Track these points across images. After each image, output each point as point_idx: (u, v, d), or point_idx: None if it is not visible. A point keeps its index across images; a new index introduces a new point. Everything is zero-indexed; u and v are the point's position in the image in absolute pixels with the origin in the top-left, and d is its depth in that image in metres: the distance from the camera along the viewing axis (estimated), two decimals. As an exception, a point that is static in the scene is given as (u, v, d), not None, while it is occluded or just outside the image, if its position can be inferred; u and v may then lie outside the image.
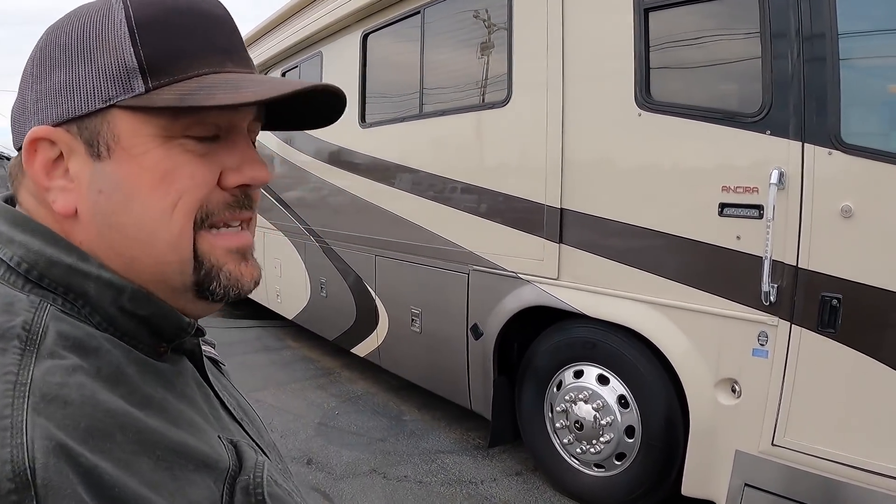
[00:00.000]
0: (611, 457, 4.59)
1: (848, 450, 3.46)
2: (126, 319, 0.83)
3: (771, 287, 3.57)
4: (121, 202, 0.82)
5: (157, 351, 0.87)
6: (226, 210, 0.88)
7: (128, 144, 0.81)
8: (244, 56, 0.91)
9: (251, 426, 1.05)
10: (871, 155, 3.30)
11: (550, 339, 4.99)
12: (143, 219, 0.82)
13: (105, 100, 0.80)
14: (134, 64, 0.80)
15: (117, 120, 0.81)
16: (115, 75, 0.80)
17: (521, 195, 5.01)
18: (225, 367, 1.19)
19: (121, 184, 0.82)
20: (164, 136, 0.82)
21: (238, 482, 0.79)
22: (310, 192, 8.58)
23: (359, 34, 7.13)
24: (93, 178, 0.82)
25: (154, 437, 0.71)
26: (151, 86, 0.80)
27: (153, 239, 0.83)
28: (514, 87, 5.09)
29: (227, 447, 0.83)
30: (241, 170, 0.88)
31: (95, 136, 0.81)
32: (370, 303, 7.09)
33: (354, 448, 5.90)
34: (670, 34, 4.09)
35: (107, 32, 0.81)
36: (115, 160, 0.81)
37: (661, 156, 4.13)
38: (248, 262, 0.92)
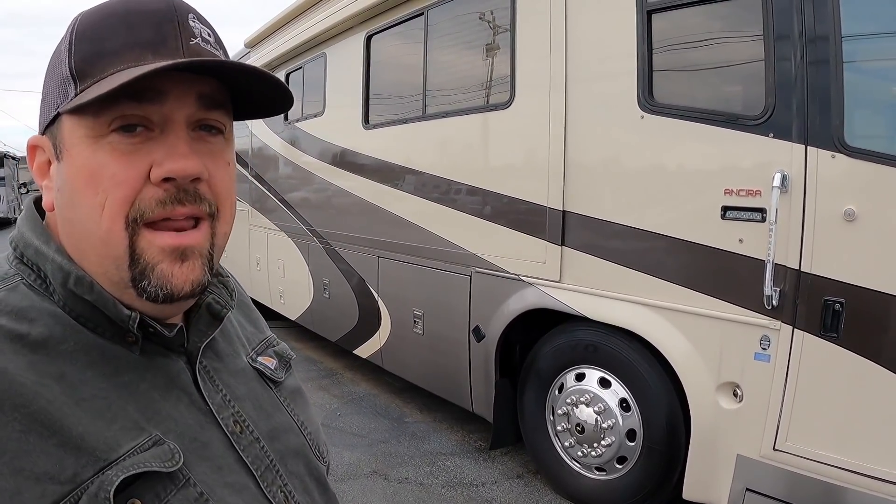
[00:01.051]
0: (612, 460, 4.57)
1: (850, 455, 3.44)
2: (77, 302, 0.90)
3: (773, 291, 3.56)
4: (68, 199, 0.90)
5: (126, 340, 0.92)
6: (158, 207, 0.88)
7: (68, 146, 0.89)
8: (174, 45, 0.89)
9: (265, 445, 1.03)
10: (875, 158, 3.28)
11: (552, 342, 4.98)
12: (81, 216, 0.89)
13: (54, 108, 0.91)
14: (67, 73, 0.88)
15: (63, 125, 0.90)
16: (60, 85, 0.90)
17: (524, 197, 5.00)
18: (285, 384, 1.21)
19: (66, 183, 0.90)
20: (93, 136, 0.87)
21: (103, 474, 0.79)
22: (313, 193, 8.57)
23: (363, 36, 7.13)
24: (55, 177, 0.93)
25: (22, 400, 0.76)
26: (79, 90, 0.87)
27: (90, 234, 0.89)
28: (517, 88, 5.08)
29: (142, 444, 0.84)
30: (162, 163, 0.88)
31: (55, 140, 0.92)
32: (373, 304, 7.08)
33: (356, 449, 5.90)
34: (673, 36, 4.08)
35: (60, 49, 0.92)
36: (64, 161, 0.90)
37: (663, 158, 4.11)
38: (184, 263, 0.92)
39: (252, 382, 1.12)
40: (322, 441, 1.22)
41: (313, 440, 1.19)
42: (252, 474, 0.98)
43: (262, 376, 1.16)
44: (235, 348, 1.14)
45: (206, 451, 0.92)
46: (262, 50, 9.83)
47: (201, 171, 0.91)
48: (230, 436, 0.98)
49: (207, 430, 0.95)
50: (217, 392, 1.01)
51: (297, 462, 1.09)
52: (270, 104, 1.04)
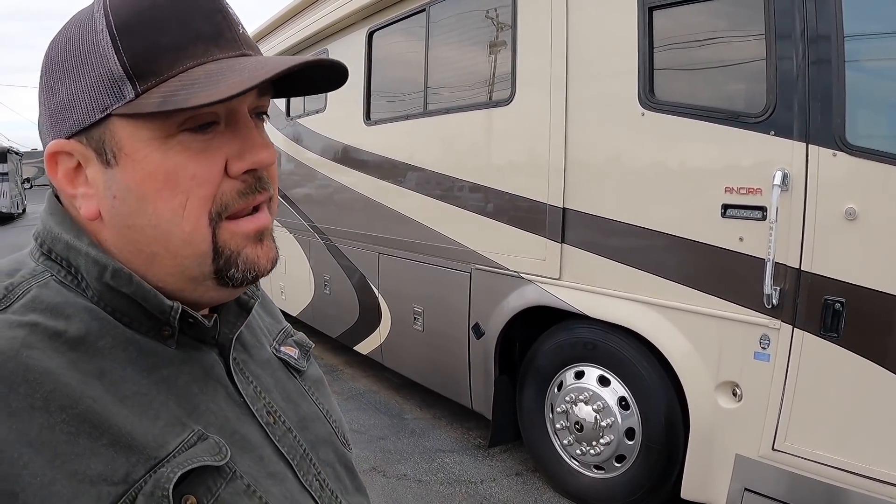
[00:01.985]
0: (611, 458, 4.56)
1: (850, 456, 3.42)
2: (113, 295, 0.87)
3: (773, 290, 3.54)
4: (134, 205, 0.85)
5: (162, 334, 0.90)
6: (240, 199, 0.90)
7: (130, 151, 0.84)
8: (231, 37, 0.89)
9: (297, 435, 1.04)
10: (877, 157, 3.27)
11: (552, 340, 4.97)
12: (156, 220, 0.85)
13: (101, 110, 0.83)
14: (120, 71, 0.82)
15: (116, 128, 0.84)
16: (107, 85, 0.82)
17: (524, 194, 4.99)
18: (308, 372, 1.22)
19: (130, 189, 0.85)
20: (161, 138, 0.84)
21: (157, 472, 0.78)
22: (314, 189, 8.58)
23: (364, 32, 7.12)
24: (107, 184, 0.86)
25: (69, 401, 0.74)
26: (141, 90, 0.82)
27: (168, 237, 0.86)
28: (517, 85, 5.06)
29: (188, 439, 0.83)
30: (243, 156, 0.88)
31: (101, 145, 0.85)
32: (373, 301, 7.08)
33: (355, 445, 5.64)
34: (674, 33, 4.06)
35: (93, 43, 0.83)
36: (122, 167, 0.85)
37: (664, 156, 4.10)
38: (263, 244, 0.95)
39: (278, 373, 1.12)
40: (345, 429, 1.23)
41: (339, 428, 1.19)
42: (289, 464, 0.99)
43: (286, 366, 1.16)
44: (259, 339, 1.14)
45: (246, 444, 0.92)
46: (265, 46, 9.81)
47: (275, 159, 0.94)
48: (265, 427, 0.98)
49: (244, 423, 0.95)
50: (248, 384, 1.01)
51: (326, 450, 1.10)
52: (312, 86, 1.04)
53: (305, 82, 1.01)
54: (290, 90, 1.03)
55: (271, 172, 0.96)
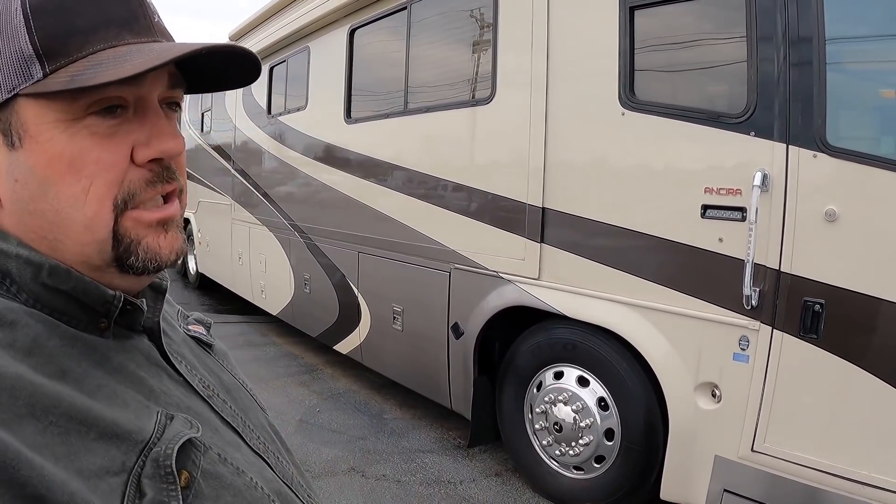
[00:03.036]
0: (590, 459, 4.55)
1: (828, 457, 3.43)
2: (51, 295, 0.84)
3: (753, 291, 3.54)
4: (36, 189, 0.83)
5: (98, 327, 0.88)
6: (148, 188, 0.89)
7: (35, 132, 0.82)
8: (146, 24, 0.88)
9: (230, 404, 1.06)
10: (857, 158, 3.27)
11: (531, 340, 4.95)
12: (57, 205, 0.83)
13: (9, 90, 0.81)
14: (30, 50, 0.80)
15: (22, 109, 0.81)
16: (16, 64, 0.80)
17: (504, 194, 4.97)
18: (216, 346, 1.23)
19: (33, 172, 0.82)
20: (67, 120, 0.82)
21: (151, 453, 0.78)
22: (295, 188, 8.54)
23: (346, 29, 7.10)
24: (9, 167, 0.83)
25: (50, 402, 0.72)
26: (49, 70, 0.80)
27: (69, 222, 0.84)
28: (498, 84, 5.05)
29: (159, 420, 0.83)
30: (150, 143, 0.87)
31: (7, 126, 0.82)
32: (353, 300, 7.06)
33: (334, 446, 5.86)
34: (655, 33, 4.06)
35: (5, 22, 0.81)
36: (26, 149, 0.82)
37: (644, 156, 4.09)
38: (167, 233, 0.93)
39: (195, 350, 1.13)
40: (258, 395, 1.24)
41: (255, 395, 1.21)
42: (236, 431, 1.00)
43: (199, 343, 1.18)
44: (169, 321, 1.12)
45: (201, 418, 0.92)
46: (246, 43, 9.77)
47: (183, 150, 0.93)
48: (208, 400, 1.00)
49: (192, 399, 0.96)
50: (180, 362, 1.01)
51: (255, 416, 1.12)
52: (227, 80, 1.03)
53: (220, 75, 1.01)
54: (203, 83, 1.02)
55: (180, 163, 0.95)
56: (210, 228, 12.23)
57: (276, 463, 1.05)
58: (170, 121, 0.92)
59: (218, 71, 0.99)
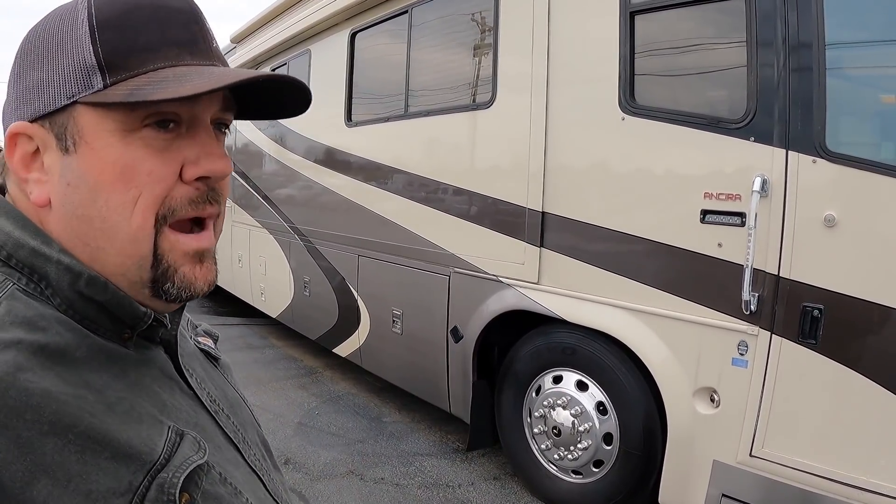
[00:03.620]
0: (588, 463, 4.55)
1: (827, 462, 3.42)
2: (84, 304, 0.86)
3: (752, 296, 3.54)
4: (86, 195, 0.85)
5: (122, 338, 0.90)
6: (189, 206, 0.90)
7: (90, 139, 0.85)
8: (204, 48, 0.92)
9: (233, 420, 1.07)
10: (857, 164, 3.27)
11: (530, 344, 4.95)
12: (105, 212, 0.85)
13: (69, 96, 0.84)
14: (93, 61, 0.84)
15: (80, 116, 0.85)
16: (78, 73, 0.84)
17: (504, 198, 4.97)
18: (222, 360, 1.26)
19: (85, 177, 0.85)
20: (123, 130, 0.85)
21: (158, 477, 0.78)
22: (295, 191, 8.54)
23: (347, 33, 7.10)
24: (63, 171, 0.86)
25: (72, 420, 0.73)
26: (109, 82, 0.83)
27: (115, 231, 0.86)
28: (498, 88, 5.05)
29: (169, 438, 0.83)
30: (199, 162, 0.90)
31: (63, 131, 0.85)
32: (352, 303, 7.05)
33: (333, 449, 5.86)
34: (656, 38, 4.06)
35: (71, 32, 0.85)
36: (81, 154, 0.85)
37: (643, 161, 4.09)
38: (203, 265, 0.95)
39: (204, 363, 1.15)
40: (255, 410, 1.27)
41: (253, 411, 1.23)
42: (237, 448, 1.02)
43: (207, 356, 1.20)
44: (182, 332, 1.14)
45: (206, 434, 0.93)
46: (248, 46, 9.81)
47: (230, 172, 0.96)
48: (214, 415, 1.01)
49: (200, 414, 0.97)
50: (191, 376, 1.03)
51: (252, 432, 1.14)
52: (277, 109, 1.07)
53: (272, 104, 1.04)
54: (254, 111, 1.04)
55: (224, 186, 0.97)
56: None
57: (269, 481, 1.07)
58: (219, 142, 0.95)
59: (269, 99, 1.03)
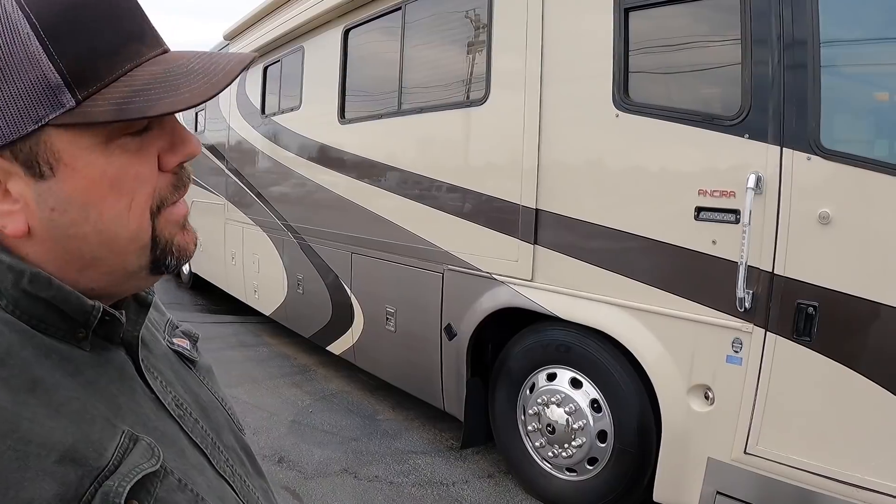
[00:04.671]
0: (583, 461, 4.54)
1: (821, 459, 3.43)
2: (31, 302, 0.82)
3: (746, 293, 3.53)
4: (77, 214, 0.82)
5: (76, 337, 0.86)
6: (174, 191, 0.91)
7: (70, 160, 0.80)
8: (153, 34, 0.87)
9: (202, 424, 1.04)
10: (851, 161, 3.27)
11: (524, 341, 4.94)
12: (101, 225, 0.83)
13: (36, 121, 0.76)
14: (56, 79, 0.76)
15: (52, 138, 0.78)
16: (40, 94, 0.76)
17: (497, 195, 4.96)
18: (200, 362, 1.21)
19: (72, 198, 0.81)
20: (102, 143, 0.81)
21: (104, 485, 0.74)
22: (288, 188, 8.52)
23: (340, 29, 7.08)
24: (40, 197, 0.80)
25: (9, 427, 0.70)
26: (80, 97, 0.77)
27: (114, 239, 0.85)
28: (492, 85, 5.04)
29: (121, 443, 0.80)
30: (175, 149, 0.89)
31: (34, 157, 0.78)
32: (346, 300, 7.05)
33: (326, 447, 5.85)
34: (650, 35, 4.06)
35: (16, 49, 0.75)
36: (61, 177, 0.80)
37: (637, 158, 4.09)
38: (187, 230, 0.96)
39: (175, 365, 1.12)
40: (237, 415, 1.24)
41: (233, 414, 1.20)
42: (203, 453, 0.98)
43: (181, 358, 1.16)
44: (154, 333, 1.12)
45: (167, 438, 0.90)
46: (241, 43, 9.78)
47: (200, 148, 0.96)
48: (178, 419, 0.97)
49: (161, 418, 0.94)
50: (155, 379, 1.00)
51: (228, 436, 1.10)
52: None
53: None
54: None
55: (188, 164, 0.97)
56: (204, 228, 12.12)
57: (241, 487, 1.04)
58: (180, 123, 0.93)
59: None
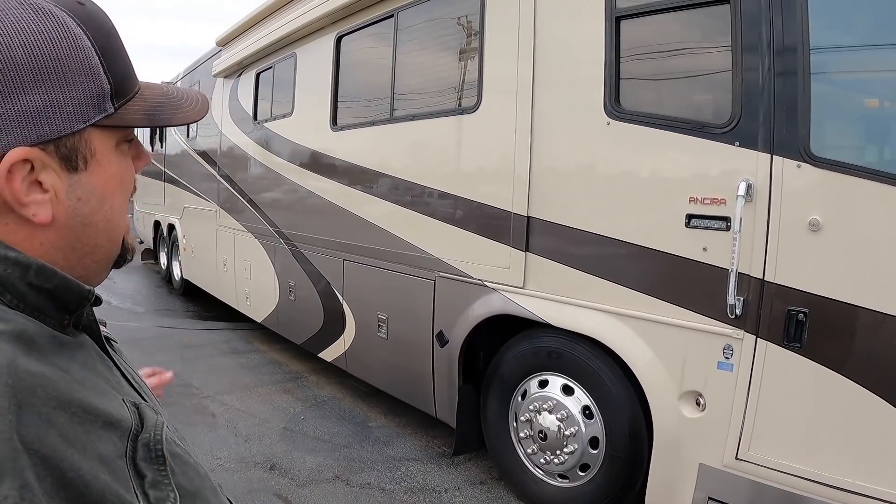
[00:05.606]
0: (574, 468, 4.55)
1: (812, 465, 3.44)
2: (34, 295, 0.89)
3: (737, 300, 3.55)
4: (94, 204, 0.96)
5: (62, 325, 0.93)
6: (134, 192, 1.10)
7: (100, 156, 0.95)
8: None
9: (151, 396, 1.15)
10: (840, 168, 3.29)
11: (516, 348, 4.95)
12: (110, 214, 1.00)
13: (85, 121, 0.91)
14: (108, 89, 0.93)
15: (92, 137, 0.93)
16: (93, 99, 0.91)
17: (489, 202, 4.97)
18: (117, 344, 1.27)
19: (95, 190, 0.96)
20: (116, 146, 0.98)
21: (140, 439, 0.86)
22: (280, 195, 8.52)
23: (333, 36, 7.09)
24: (71, 188, 0.93)
25: (67, 396, 0.78)
26: (117, 106, 0.94)
27: (114, 227, 1.02)
28: (483, 93, 5.05)
29: (129, 409, 0.89)
30: (140, 157, 1.08)
31: (73, 152, 0.91)
32: (337, 307, 7.04)
33: (318, 454, 5.84)
34: (641, 43, 4.07)
35: (80, 59, 0.90)
36: (91, 171, 0.94)
37: (628, 165, 4.10)
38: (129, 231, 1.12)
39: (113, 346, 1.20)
40: None
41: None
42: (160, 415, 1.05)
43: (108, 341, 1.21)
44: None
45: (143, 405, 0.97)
46: (234, 49, 9.77)
47: None
48: (139, 390, 1.07)
49: (130, 391, 1.01)
50: (116, 356, 1.11)
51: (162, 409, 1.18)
52: None
53: None
54: None
55: None
56: (195, 234, 12.18)
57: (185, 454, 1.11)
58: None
59: None
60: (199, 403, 6.99)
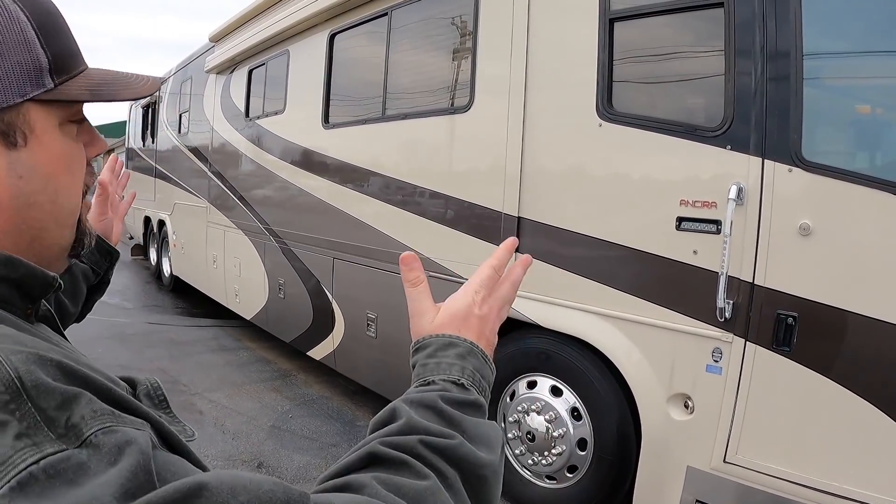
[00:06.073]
0: (562, 469, 4.54)
1: (800, 468, 3.44)
2: (2, 287, 0.90)
3: (726, 303, 3.55)
4: (38, 184, 0.93)
5: (26, 314, 0.95)
6: (91, 178, 1.07)
7: (39, 133, 0.92)
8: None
9: None
10: (831, 173, 3.29)
11: (504, 349, 4.92)
12: (55, 196, 0.96)
13: (21, 95, 0.88)
14: (45, 64, 0.91)
15: (31, 112, 0.90)
16: (30, 73, 0.89)
17: (479, 202, 4.96)
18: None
19: (37, 168, 0.92)
20: (60, 125, 0.95)
21: (139, 390, 0.88)
22: (271, 192, 8.50)
23: (326, 34, 7.07)
24: (11, 165, 0.90)
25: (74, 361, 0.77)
26: (58, 82, 0.92)
27: (61, 210, 0.97)
28: (476, 92, 5.04)
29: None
30: (95, 144, 1.05)
31: (11, 127, 0.89)
32: (327, 306, 7.03)
33: (306, 452, 5.83)
34: (634, 45, 4.07)
35: (16, 32, 0.89)
36: (31, 148, 0.91)
37: (620, 167, 4.10)
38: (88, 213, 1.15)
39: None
40: None
41: None
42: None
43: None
44: None
45: None
46: (227, 45, 9.74)
47: None
48: None
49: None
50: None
51: None
52: None
53: None
54: None
55: None
56: (185, 231, 12.15)
57: None
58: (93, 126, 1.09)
59: None
60: (186, 400, 6.95)
